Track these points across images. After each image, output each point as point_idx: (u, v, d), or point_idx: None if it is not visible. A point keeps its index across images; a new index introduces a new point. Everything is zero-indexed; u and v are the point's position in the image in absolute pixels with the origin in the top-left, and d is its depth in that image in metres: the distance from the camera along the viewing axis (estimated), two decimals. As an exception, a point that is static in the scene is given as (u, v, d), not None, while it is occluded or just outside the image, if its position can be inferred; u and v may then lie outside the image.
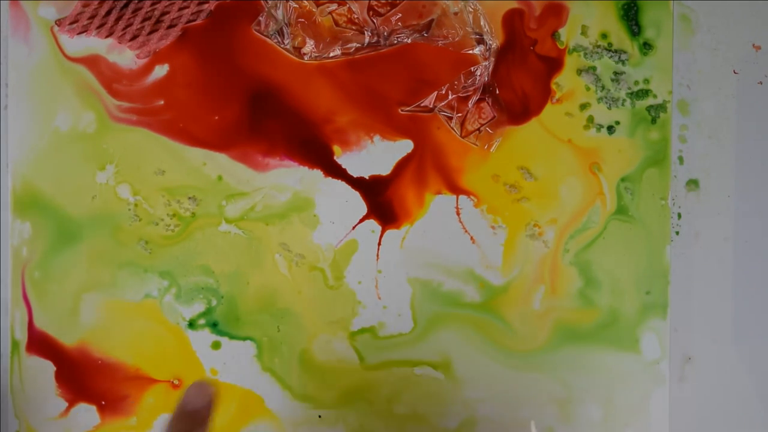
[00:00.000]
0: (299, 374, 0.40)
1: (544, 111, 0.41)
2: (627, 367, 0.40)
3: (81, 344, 0.40)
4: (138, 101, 0.40)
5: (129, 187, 0.40)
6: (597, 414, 0.40)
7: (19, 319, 0.40)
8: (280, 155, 0.40)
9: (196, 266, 0.40)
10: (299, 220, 0.40)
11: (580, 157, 0.41)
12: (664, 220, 0.41)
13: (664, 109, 0.41)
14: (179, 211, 0.40)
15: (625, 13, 0.41)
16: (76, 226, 0.40)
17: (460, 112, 0.40)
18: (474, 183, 0.41)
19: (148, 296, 0.40)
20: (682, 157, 0.42)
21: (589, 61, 0.41)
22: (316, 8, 0.40)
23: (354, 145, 0.41)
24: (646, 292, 0.41)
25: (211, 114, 0.40)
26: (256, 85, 0.40)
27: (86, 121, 0.40)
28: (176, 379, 0.40)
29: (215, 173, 0.40)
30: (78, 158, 0.40)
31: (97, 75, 0.40)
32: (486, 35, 0.40)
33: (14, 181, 0.40)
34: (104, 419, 0.40)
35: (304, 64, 0.40)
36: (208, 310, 0.40)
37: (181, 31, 0.40)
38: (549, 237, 0.41)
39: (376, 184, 0.41)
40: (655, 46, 0.41)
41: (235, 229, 0.40)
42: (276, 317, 0.40)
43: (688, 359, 0.42)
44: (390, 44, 0.40)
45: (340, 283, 0.40)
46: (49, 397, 0.40)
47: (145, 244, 0.40)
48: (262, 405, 0.40)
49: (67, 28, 0.40)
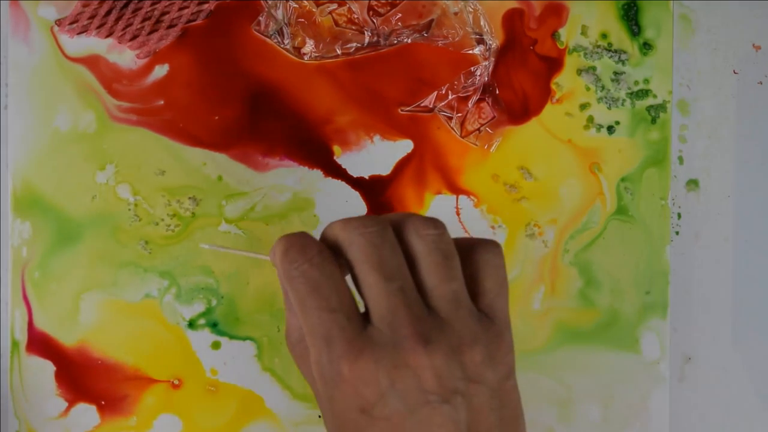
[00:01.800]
0: (299, 374, 0.40)
1: (544, 111, 0.41)
2: (627, 367, 0.40)
3: (81, 344, 0.40)
4: (138, 101, 0.40)
5: (129, 187, 0.40)
6: (597, 414, 0.40)
7: (19, 319, 0.40)
8: (280, 155, 0.40)
9: (196, 266, 0.40)
10: (299, 220, 0.40)
11: (580, 157, 0.41)
12: (664, 220, 0.41)
13: (664, 109, 0.41)
14: (179, 211, 0.40)
15: (625, 13, 0.41)
16: (76, 226, 0.40)
17: (460, 112, 0.40)
18: (474, 183, 0.41)
19: (148, 296, 0.40)
20: (682, 157, 0.42)
21: (589, 61, 0.41)
22: (316, 8, 0.40)
23: (354, 145, 0.41)
24: (646, 292, 0.41)
25: (211, 114, 0.40)
26: (256, 85, 0.40)
27: (86, 121, 0.40)
28: (176, 379, 0.40)
29: (215, 173, 0.40)
30: (78, 158, 0.40)
31: (97, 75, 0.40)
32: (486, 35, 0.40)
33: (14, 181, 0.40)
34: (104, 419, 0.40)
35: (304, 64, 0.40)
36: (208, 310, 0.40)
37: (181, 31, 0.40)
38: (549, 237, 0.41)
39: (376, 184, 0.41)
40: (655, 46, 0.41)
41: (235, 229, 0.40)
42: (276, 317, 0.40)
43: (688, 359, 0.42)
44: (390, 44, 0.40)
45: (340, 283, 0.40)
46: (49, 397, 0.40)
47: (145, 244, 0.40)
48: (262, 405, 0.40)
49: (67, 28, 0.40)
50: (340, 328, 0.25)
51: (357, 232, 0.26)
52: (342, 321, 0.25)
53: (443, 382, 0.25)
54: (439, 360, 0.25)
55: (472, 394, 0.25)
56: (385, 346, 0.25)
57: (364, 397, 0.25)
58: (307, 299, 0.26)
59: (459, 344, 0.25)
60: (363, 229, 0.26)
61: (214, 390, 0.40)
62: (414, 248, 0.27)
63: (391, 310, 0.25)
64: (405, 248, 0.27)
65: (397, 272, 0.26)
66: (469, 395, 0.25)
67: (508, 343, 0.27)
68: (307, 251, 0.26)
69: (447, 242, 0.27)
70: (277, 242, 0.27)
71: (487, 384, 0.25)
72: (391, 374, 0.25)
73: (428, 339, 0.25)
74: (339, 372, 0.25)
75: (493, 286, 0.27)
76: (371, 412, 0.25)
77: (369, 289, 0.26)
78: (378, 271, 0.26)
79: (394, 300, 0.25)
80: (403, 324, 0.25)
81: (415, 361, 0.25)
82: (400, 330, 0.25)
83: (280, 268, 0.27)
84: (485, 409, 0.25)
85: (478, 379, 0.25)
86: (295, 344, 0.29)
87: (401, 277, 0.26)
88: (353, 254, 0.26)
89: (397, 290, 0.25)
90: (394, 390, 0.25)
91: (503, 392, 0.26)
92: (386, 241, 0.26)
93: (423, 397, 0.24)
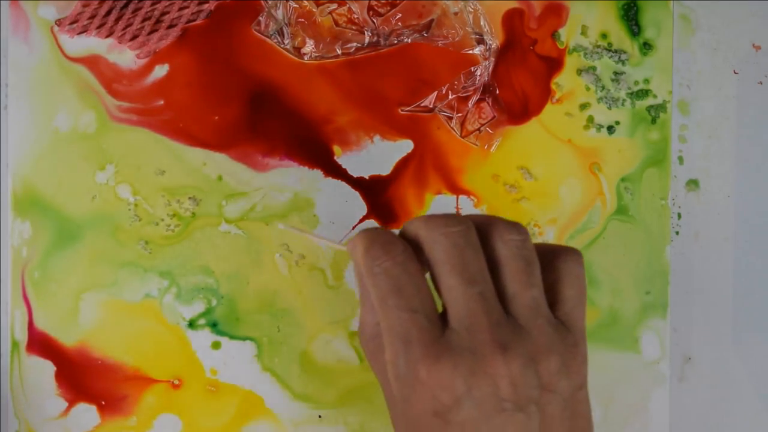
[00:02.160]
0: (299, 374, 0.40)
1: (544, 111, 0.41)
2: (627, 367, 0.40)
3: (81, 344, 0.40)
4: (138, 101, 0.40)
5: (129, 187, 0.40)
6: (597, 414, 0.40)
7: (19, 319, 0.40)
8: (280, 155, 0.40)
9: (196, 266, 0.40)
10: (299, 220, 0.40)
11: (580, 157, 0.41)
12: (664, 220, 0.41)
13: (664, 109, 0.41)
14: (179, 211, 0.40)
15: (625, 13, 0.41)
16: (76, 226, 0.40)
17: (460, 112, 0.40)
18: (474, 183, 0.41)
19: (148, 296, 0.40)
20: (682, 157, 0.42)
21: (589, 61, 0.41)
22: (316, 8, 0.40)
23: (354, 145, 0.41)
24: (646, 292, 0.41)
25: (211, 114, 0.40)
26: (256, 85, 0.40)
27: (86, 121, 0.40)
28: (176, 379, 0.40)
29: (215, 173, 0.40)
30: (78, 158, 0.40)
31: (97, 75, 0.40)
32: (486, 35, 0.40)
33: (14, 181, 0.40)
34: (104, 419, 0.40)
35: (304, 64, 0.40)
36: (208, 310, 0.40)
37: (181, 31, 0.40)
38: (549, 237, 0.41)
39: (376, 184, 0.41)
40: (655, 46, 0.41)
41: (235, 229, 0.40)
42: (276, 317, 0.40)
43: (688, 359, 0.42)
44: (390, 44, 0.40)
45: (340, 283, 0.40)
46: (49, 397, 0.40)
47: (145, 244, 0.40)
48: (262, 405, 0.40)
49: (67, 28, 0.40)
50: (420, 330, 0.25)
51: (440, 232, 0.26)
52: (422, 322, 0.25)
53: (519, 390, 0.24)
54: (515, 368, 0.25)
55: (545, 403, 0.25)
56: (463, 351, 0.25)
57: (439, 401, 0.25)
58: (389, 298, 0.26)
59: (536, 352, 0.25)
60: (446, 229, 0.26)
61: (214, 390, 0.40)
62: (497, 253, 0.26)
63: (471, 315, 0.25)
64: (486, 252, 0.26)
65: (479, 276, 0.25)
66: (542, 404, 0.25)
67: (583, 353, 0.27)
68: (391, 249, 0.26)
69: (530, 248, 0.26)
70: (358, 236, 0.27)
71: (560, 393, 0.25)
72: (468, 380, 0.24)
73: (506, 346, 0.25)
74: (416, 374, 0.25)
75: (573, 296, 0.27)
76: (446, 417, 0.25)
77: (449, 292, 0.26)
78: (460, 274, 0.25)
79: (474, 305, 0.25)
80: (482, 329, 0.25)
81: (492, 369, 0.24)
82: (479, 335, 0.25)
83: (362, 264, 0.26)
84: (557, 418, 0.25)
85: (552, 388, 0.25)
86: (369, 340, 0.29)
87: (482, 282, 0.25)
88: (435, 254, 0.26)
89: (477, 295, 0.25)
90: (471, 396, 0.24)
91: (575, 402, 0.26)
92: (470, 243, 0.26)
93: (498, 404, 0.24)
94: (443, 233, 0.26)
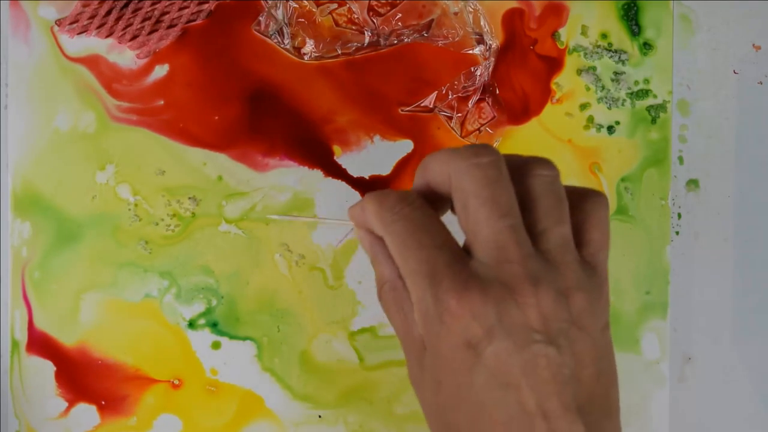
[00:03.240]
0: (299, 374, 0.40)
1: (544, 111, 0.41)
2: (627, 367, 0.40)
3: (81, 344, 0.40)
4: (138, 101, 0.40)
5: (129, 187, 0.40)
6: (597, 414, 0.40)
7: (19, 319, 0.40)
8: (280, 155, 0.40)
9: (196, 266, 0.40)
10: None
11: (580, 157, 0.41)
12: (664, 220, 0.41)
13: (664, 109, 0.41)
14: (179, 211, 0.40)
15: (625, 13, 0.41)
16: (76, 226, 0.40)
17: (460, 112, 0.40)
18: (474, 183, 0.41)
19: (148, 296, 0.40)
20: (682, 157, 0.42)
21: (589, 61, 0.41)
22: (316, 8, 0.40)
23: (354, 145, 0.41)
24: (646, 292, 0.41)
25: (211, 114, 0.40)
26: (256, 85, 0.40)
27: (86, 121, 0.40)
28: (176, 379, 0.40)
29: (215, 173, 0.40)
30: (78, 158, 0.40)
31: (97, 75, 0.40)
32: (486, 35, 0.40)
33: (14, 181, 0.40)
34: (104, 419, 0.40)
35: (304, 64, 0.40)
36: (208, 310, 0.40)
37: (181, 31, 0.40)
38: (549, 237, 0.41)
39: (376, 184, 0.41)
40: (655, 46, 0.41)
41: (235, 229, 0.40)
42: (276, 317, 0.40)
43: (688, 359, 0.42)
44: (390, 44, 0.40)
45: (340, 283, 0.40)
46: (49, 397, 0.40)
47: (145, 244, 0.40)
48: (262, 405, 0.40)
49: (67, 28, 0.40)
50: (446, 264, 0.25)
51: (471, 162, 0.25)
52: (447, 256, 0.25)
53: (549, 323, 0.24)
54: (545, 300, 0.24)
55: (574, 338, 0.24)
56: (493, 281, 0.24)
57: (471, 331, 0.24)
58: (409, 239, 0.25)
59: (566, 287, 0.24)
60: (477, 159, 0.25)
61: (214, 390, 0.40)
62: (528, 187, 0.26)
63: (501, 248, 0.24)
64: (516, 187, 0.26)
65: (510, 209, 0.25)
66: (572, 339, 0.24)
67: (606, 296, 0.26)
68: (406, 196, 0.26)
69: (560, 185, 0.26)
70: (367, 197, 0.27)
71: (588, 332, 0.25)
72: (499, 309, 0.24)
73: (537, 279, 0.24)
74: (446, 307, 0.24)
75: (598, 238, 0.26)
76: (478, 347, 0.24)
77: (478, 225, 0.25)
78: (490, 207, 0.24)
79: (504, 237, 0.24)
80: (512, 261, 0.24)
81: (522, 299, 0.24)
82: (509, 268, 0.24)
83: (376, 218, 0.26)
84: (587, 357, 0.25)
85: (582, 325, 0.25)
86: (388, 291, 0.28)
87: (513, 215, 0.25)
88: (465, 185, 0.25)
89: (508, 227, 0.24)
90: (502, 324, 0.24)
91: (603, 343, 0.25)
92: (502, 175, 0.25)
93: (529, 335, 0.24)
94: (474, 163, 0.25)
